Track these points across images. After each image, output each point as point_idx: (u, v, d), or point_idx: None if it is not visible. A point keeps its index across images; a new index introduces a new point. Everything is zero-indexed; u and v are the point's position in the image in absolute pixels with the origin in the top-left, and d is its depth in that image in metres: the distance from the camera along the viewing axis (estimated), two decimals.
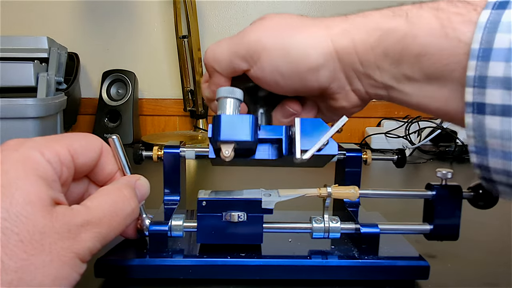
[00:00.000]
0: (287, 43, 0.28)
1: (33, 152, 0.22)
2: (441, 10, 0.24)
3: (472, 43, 0.22)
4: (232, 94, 0.29)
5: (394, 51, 0.25)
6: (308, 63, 0.27)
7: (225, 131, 0.29)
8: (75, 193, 0.27)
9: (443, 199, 0.31)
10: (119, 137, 0.28)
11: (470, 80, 0.22)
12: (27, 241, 0.19)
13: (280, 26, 0.29)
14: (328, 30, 0.28)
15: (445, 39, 0.23)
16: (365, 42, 0.26)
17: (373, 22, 0.26)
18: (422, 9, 0.25)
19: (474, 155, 0.23)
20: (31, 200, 0.20)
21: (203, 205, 0.31)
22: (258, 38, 0.28)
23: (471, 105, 0.22)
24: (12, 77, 0.69)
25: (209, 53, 0.31)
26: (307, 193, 0.31)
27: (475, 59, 0.21)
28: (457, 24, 0.23)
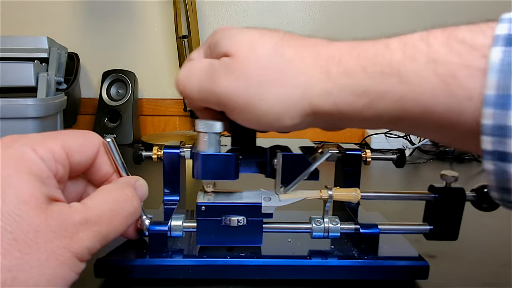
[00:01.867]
0: (258, 106, 0.25)
1: (26, 149, 0.21)
2: (441, 63, 0.20)
3: (486, 88, 0.19)
4: (212, 129, 0.29)
5: (389, 113, 0.23)
6: (281, 124, 0.26)
7: (205, 172, 0.29)
8: (73, 192, 0.27)
9: (445, 201, 0.31)
10: (113, 139, 0.28)
11: (487, 128, 0.19)
12: (21, 239, 0.19)
13: (253, 78, 0.25)
14: (306, 90, 0.24)
15: (452, 98, 0.20)
16: (352, 106, 0.23)
17: (359, 84, 0.23)
18: (416, 64, 0.21)
19: (496, 193, 0.21)
20: (24, 198, 0.19)
21: (202, 210, 0.31)
22: (229, 94, 0.25)
23: (490, 153, 0.20)
24: (12, 77, 0.69)
25: (180, 85, 0.29)
26: (308, 196, 0.31)
27: (491, 106, 0.19)
28: (465, 79, 0.20)
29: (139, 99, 1.03)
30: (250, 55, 0.25)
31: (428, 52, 0.21)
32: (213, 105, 0.28)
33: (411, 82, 0.21)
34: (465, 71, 0.20)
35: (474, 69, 0.19)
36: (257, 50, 0.25)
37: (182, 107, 1.02)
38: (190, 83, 0.28)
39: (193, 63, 0.29)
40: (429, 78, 0.21)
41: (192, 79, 0.28)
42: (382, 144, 0.92)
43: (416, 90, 0.21)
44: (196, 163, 0.30)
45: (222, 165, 0.30)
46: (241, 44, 0.26)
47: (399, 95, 0.22)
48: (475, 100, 0.20)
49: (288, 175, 0.30)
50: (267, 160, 0.32)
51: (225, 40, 0.27)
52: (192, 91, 0.28)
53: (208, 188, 0.32)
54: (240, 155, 0.31)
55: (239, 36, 0.27)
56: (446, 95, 0.20)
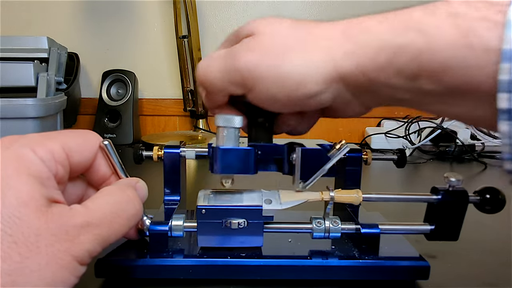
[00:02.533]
0: (280, 71, 0.25)
1: (25, 150, 0.21)
2: (461, 16, 0.20)
3: (504, 43, 0.19)
4: (231, 124, 0.29)
5: (410, 69, 0.22)
6: (306, 91, 0.25)
7: (224, 166, 0.29)
8: (73, 194, 0.27)
9: (448, 204, 0.31)
10: (110, 141, 0.27)
11: (503, 84, 0.19)
12: (21, 243, 0.18)
13: (274, 48, 0.26)
14: (329, 54, 0.25)
15: (470, 51, 0.20)
16: (374, 63, 0.23)
17: (380, 39, 0.23)
18: (437, 17, 0.21)
19: (509, 163, 0.21)
20: (24, 200, 0.19)
21: (202, 213, 0.30)
22: (251, 65, 0.26)
23: (506, 111, 0.20)
24: (12, 77, 0.69)
25: (201, 73, 0.29)
26: (309, 198, 0.31)
27: (508, 61, 0.19)
28: (482, 31, 0.20)
29: (139, 99, 1.03)
30: (270, 30, 0.26)
31: (448, 8, 0.21)
32: (235, 85, 0.27)
33: (431, 35, 0.21)
34: (484, 23, 0.20)
35: (492, 23, 0.20)
36: (276, 25, 0.27)
37: (182, 107, 1.02)
38: (211, 69, 0.28)
39: (213, 53, 0.29)
40: (449, 30, 0.21)
41: (213, 64, 0.28)
42: (382, 144, 0.92)
43: (435, 43, 0.21)
44: (215, 158, 0.29)
45: (241, 159, 0.29)
46: (260, 24, 0.27)
47: (418, 48, 0.22)
48: (492, 53, 0.20)
49: (306, 170, 0.29)
50: (284, 157, 0.31)
51: (244, 27, 0.28)
52: (214, 76, 0.28)
53: (226, 183, 0.32)
54: (258, 151, 0.31)
55: (257, 20, 0.28)
56: (465, 47, 0.20)
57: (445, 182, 0.31)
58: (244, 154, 0.29)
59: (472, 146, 0.87)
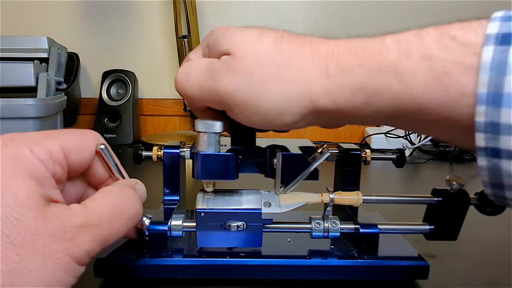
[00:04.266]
0: (261, 103, 0.25)
1: (23, 149, 0.21)
2: (434, 60, 0.21)
3: (478, 86, 0.20)
4: (211, 129, 0.29)
5: (386, 110, 0.23)
6: (283, 121, 0.26)
7: (205, 172, 0.29)
8: (73, 193, 0.27)
9: (449, 205, 0.31)
10: (107, 145, 0.27)
11: (480, 125, 0.20)
12: (18, 243, 0.18)
13: (254, 76, 0.25)
14: (307, 87, 0.25)
15: (446, 94, 0.21)
16: (350, 103, 0.24)
17: (357, 82, 0.23)
18: (411, 60, 0.21)
19: (489, 189, 0.22)
20: (22, 200, 0.19)
21: (201, 216, 0.30)
22: (229, 92, 0.26)
23: (483, 149, 0.20)
24: (12, 77, 0.69)
25: (179, 85, 0.28)
26: (309, 200, 0.31)
27: (483, 104, 0.19)
28: (457, 77, 0.20)
29: (139, 99, 1.03)
30: (250, 53, 0.26)
31: (422, 49, 0.21)
32: (213, 104, 0.28)
33: (407, 79, 0.22)
34: (458, 68, 0.20)
35: (466, 66, 0.20)
36: (257, 47, 0.26)
37: (182, 107, 1.02)
38: (190, 83, 0.28)
39: (192, 63, 0.28)
40: (424, 75, 0.21)
41: (192, 78, 0.28)
42: (382, 144, 0.92)
43: (411, 87, 0.22)
44: (196, 163, 0.30)
45: (221, 165, 0.29)
46: (241, 42, 0.26)
47: (395, 92, 0.22)
48: (468, 96, 0.20)
49: (287, 174, 0.30)
50: (266, 160, 0.32)
51: (224, 39, 0.27)
52: (192, 91, 0.28)
53: (208, 187, 0.32)
54: (240, 155, 0.31)
55: (239, 34, 0.27)
56: (440, 91, 0.21)
57: (447, 185, 0.31)
58: (225, 159, 0.29)
59: None
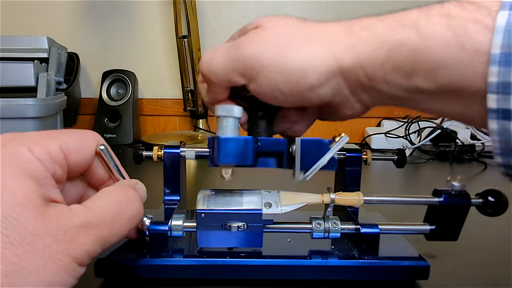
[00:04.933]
0: (285, 62, 0.26)
1: (22, 148, 0.21)
2: (453, 17, 0.22)
3: (492, 47, 0.20)
4: (231, 113, 0.29)
5: (406, 65, 0.24)
6: (308, 83, 0.26)
7: (224, 155, 0.29)
8: (73, 193, 0.27)
9: (450, 206, 0.31)
10: (107, 146, 0.27)
11: (492, 86, 0.21)
12: (18, 243, 0.18)
13: (278, 40, 0.27)
14: (331, 46, 0.26)
15: (462, 50, 0.21)
16: (373, 58, 0.24)
17: (379, 36, 0.24)
18: (431, 17, 0.23)
19: (499, 157, 0.22)
20: (21, 201, 0.19)
21: (202, 217, 0.30)
22: (256, 55, 0.27)
23: (495, 111, 0.21)
24: (12, 77, 0.69)
25: (205, 64, 0.29)
26: (309, 201, 0.31)
27: (496, 64, 0.20)
28: (472, 33, 0.21)
29: (139, 99, 1.03)
30: (276, 23, 0.28)
31: (441, 9, 0.23)
32: (238, 75, 0.28)
33: (426, 34, 0.22)
34: (474, 26, 0.21)
35: (482, 25, 0.21)
36: (282, 19, 0.28)
37: (182, 107, 1.02)
38: (215, 59, 0.29)
39: (218, 46, 0.29)
40: (442, 30, 0.22)
41: (217, 55, 0.29)
42: (382, 144, 0.92)
43: (430, 42, 0.22)
44: (215, 148, 0.29)
45: (240, 148, 0.29)
46: (267, 18, 0.28)
47: (414, 46, 0.23)
48: (481, 54, 0.21)
49: (306, 160, 0.29)
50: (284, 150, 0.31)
51: (251, 22, 0.29)
52: (218, 66, 0.28)
53: (226, 174, 0.31)
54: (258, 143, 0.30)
55: (265, 16, 0.29)
56: (457, 46, 0.21)
57: (448, 186, 0.31)
58: (244, 143, 0.29)
59: (472, 146, 0.87)
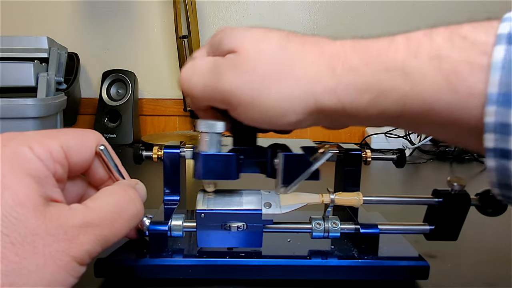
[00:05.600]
0: (264, 102, 0.25)
1: (22, 148, 0.21)
2: (444, 59, 0.20)
3: (489, 86, 0.19)
4: (213, 129, 0.29)
5: (392, 110, 0.23)
6: (286, 121, 0.26)
7: (206, 172, 0.29)
8: (73, 193, 0.27)
9: (450, 206, 0.31)
10: (107, 146, 0.27)
11: (489, 126, 0.20)
12: (18, 243, 0.18)
13: (255, 74, 0.25)
14: (311, 87, 0.24)
15: (455, 95, 0.20)
16: (356, 103, 0.23)
17: (363, 82, 0.23)
18: (420, 59, 0.21)
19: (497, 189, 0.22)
20: (21, 200, 0.19)
21: (201, 217, 0.30)
22: (234, 89, 0.25)
23: (492, 150, 0.20)
24: (12, 77, 0.69)
25: (183, 82, 0.28)
26: (309, 201, 0.31)
27: (494, 104, 0.19)
28: (466, 77, 0.20)
29: (139, 99, 1.03)
30: (255, 51, 0.25)
31: (431, 48, 0.21)
32: (217, 103, 0.28)
33: (415, 79, 0.21)
34: (467, 67, 0.20)
35: (476, 66, 0.20)
36: (262, 45, 0.26)
37: (182, 107, 1.02)
38: (194, 81, 0.28)
39: (196, 61, 0.28)
40: (433, 74, 0.21)
41: (196, 76, 0.28)
42: (382, 144, 0.92)
43: (419, 87, 0.21)
44: (197, 163, 0.30)
45: (223, 165, 0.29)
46: (246, 40, 0.26)
47: (402, 92, 0.22)
48: (477, 97, 0.20)
49: (289, 175, 0.30)
50: (268, 161, 0.32)
51: (230, 38, 0.27)
52: (196, 89, 0.28)
53: (209, 188, 0.32)
54: (241, 155, 0.31)
55: (244, 33, 0.27)
56: (449, 91, 0.20)
57: (448, 186, 0.31)
58: (226, 160, 0.29)
59: None
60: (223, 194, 0.32)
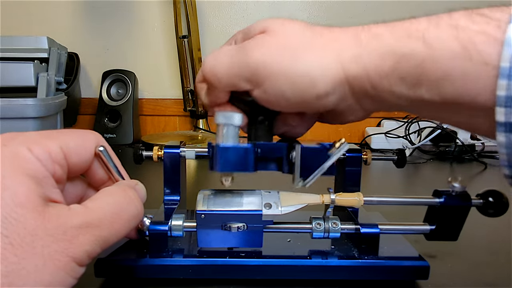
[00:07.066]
0: (294, 70, 0.26)
1: (22, 148, 0.21)
2: (461, 29, 0.21)
3: (501, 61, 0.20)
4: (231, 121, 0.29)
5: (412, 76, 0.23)
6: (315, 91, 0.26)
7: (224, 163, 0.29)
8: (73, 193, 0.27)
9: (450, 207, 0.31)
10: (106, 147, 0.27)
11: (501, 99, 0.20)
12: (17, 244, 0.18)
13: (285, 46, 0.26)
14: (338, 55, 0.25)
15: (470, 63, 0.21)
16: (379, 69, 0.24)
17: (386, 46, 0.24)
18: (439, 29, 0.22)
19: (507, 169, 0.22)
20: (20, 201, 0.19)
21: (202, 218, 0.30)
22: (263, 61, 0.26)
23: (503, 124, 0.21)
24: (12, 77, 0.69)
25: (208, 67, 0.28)
26: (309, 202, 0.31)
27: (505, 78, 0.20)
28: (481, 46, 0.21)
29: (139, 99, 1.03)
30: (283, 28, 0.27)
31: (450, 20, 0.22)
32: (243, 81, 0.27)
33: (434, 45, 0.22)
34: (483, 37, 0.21)
35: (491, 37, 0.20)
36: (289, 25, 0.27)
37: (182, 107, 1.02)
38: (219, 62, 0.28)
39: (221, 48, 0.29)
40: (450, 42, 0.22)
41: (222, 58, 0.28)
42: (382, 144, 0.92)
43: (437, 53, 0.22)
44: (215, 155, 0.29)
45: (240, 157, 0.29)
46: (273, 23, 0.27)
47: (422, 58, 0.23)
48: (490, 68, 0.20)
49: (306, 168, 0.29)
50: (284, 155, 0.31)
51: (256, 24, 0.28)
52: (221, 69, 0.28)
53: (226, 181, 0.31)
54: (258, 149, 0.30)
55: (270, 19, 0.28)
56: (464, 59, 0.21)
57: (448, 187, 0.31)
58: (244, 152, 0.29)
59: (472, 146, 0.87)
60: (223, 194, 0.32)
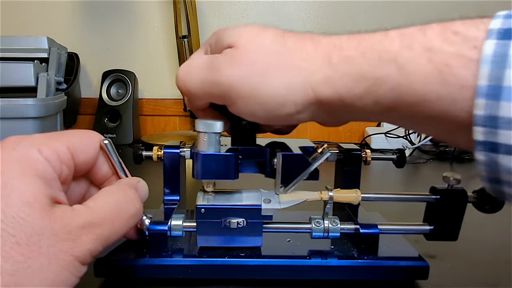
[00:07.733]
0: (261, 92, 0.25)
1: (31, 149, 0.21)
2: (435, 51, 0.21)
3: (479, 79, 0.19)
4: (212, 129, 0.29)
5: (386, 100, 0.23)
6: (284, 111, 0.26)
7: (205, 172, 0.29)
8: (76, 193, 0.27)
9: (447, 203, 0.31)
10: (111, 141, 0.27)
11: (479, 119, 0.20)
12: (24, 243, 0.18)
13: (256, 66, 0.26)
14: (309, 77, 0.25)
15: (445, 87, 0.21)
16: (352, 92, 0.24)
17: (359, 69, 0.23)
18: (412, 51, 0.22)
19: (488, 184, 0.22)
20: (29, 201, 0.19)
21: (201, 212, 0.31)
22: (232, 83, 0.26)
23: (481, 143, 0.20)
24: (12, 77, 0.69)
25: (180, 81, 0.29)
26: (308, 197, 0.31)
27: (483, 97, 0.19)
28: (456, 69, 0.20)
29: (139, 99, 1.03)
30: (253, 45, 0.26)
31: (424, 41, 0.22)
32: (215, 98, 0.28)
33: (407, 69, 0.22)
34: (458, 60, 0.20)
35: (466, 59, 0.20)
36: (259, 39, 0.26)
37: (182, 107, 1.02)
38: (191, 78, 0.28)
39: (193, 60, 0.29)
40: (424, 65, 0.21)
41: (193, 73, 0.28)
42: (382, 144, 0.92)
43: (411, 77, 0.22)
44: (196, 163, 0.30)
45: (221, 165, 0.29)
46: (243, 35, 0.27)
47: (395, 82, 0.22)
48: (467, 90, 0.20)
49: (288, 175, 0.30)
50: (266, 160, 0.32)
51: (226, 35, 0.28)
52: (194, 86, 0.28)
53: (208, 188, 0.32)
54: (240, 155, 0.31)
55: (240, 30, 0.27)
56: (440, 83, 0.21)
57: (444, 181, 0.31)
58: (225, 160, 0.29)
59: None
60: (223, 192, 0.33)
